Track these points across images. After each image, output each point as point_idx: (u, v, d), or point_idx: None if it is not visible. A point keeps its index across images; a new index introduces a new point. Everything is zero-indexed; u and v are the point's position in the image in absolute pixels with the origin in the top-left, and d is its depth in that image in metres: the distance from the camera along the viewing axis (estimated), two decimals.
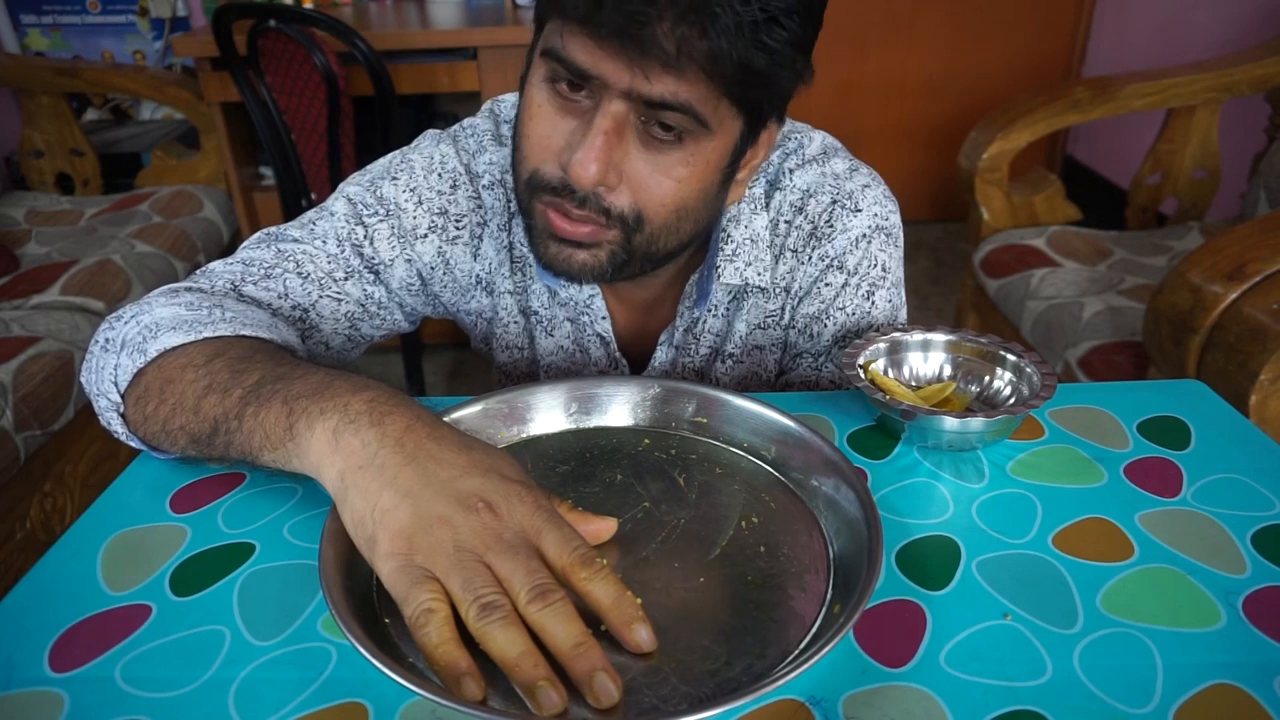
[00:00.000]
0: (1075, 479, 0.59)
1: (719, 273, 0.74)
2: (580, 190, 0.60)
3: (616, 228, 0.62)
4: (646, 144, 0.59)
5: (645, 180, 0.60)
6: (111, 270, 1.71)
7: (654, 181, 0.61)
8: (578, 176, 0.58)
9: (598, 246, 0.63)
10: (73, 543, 0.54)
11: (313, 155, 1.88)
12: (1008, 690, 0.43)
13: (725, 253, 0.74)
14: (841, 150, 0.79)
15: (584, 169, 0.57)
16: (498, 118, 0.78)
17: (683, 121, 0.58)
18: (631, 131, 0.59)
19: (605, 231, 0.62)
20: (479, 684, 0.40)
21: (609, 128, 0.57)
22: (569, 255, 0.64)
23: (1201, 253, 1.20)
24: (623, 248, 0.64)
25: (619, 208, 0.61)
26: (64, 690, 0.43)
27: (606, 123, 0.57)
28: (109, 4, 2.51)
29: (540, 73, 0.60)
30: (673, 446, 0.62)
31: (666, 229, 0.64)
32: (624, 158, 0.59)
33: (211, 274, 0.69)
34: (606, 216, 0.61)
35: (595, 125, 0.57)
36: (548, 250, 0.64)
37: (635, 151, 0.59)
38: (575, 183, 0.59)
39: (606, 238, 0.63)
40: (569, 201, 0.61)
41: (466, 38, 2.00)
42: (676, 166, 0.60)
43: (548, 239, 0.64)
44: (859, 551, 0.49)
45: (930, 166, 2.95)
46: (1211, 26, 2.24)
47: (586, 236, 0.62)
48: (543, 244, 0.64)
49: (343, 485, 0.46)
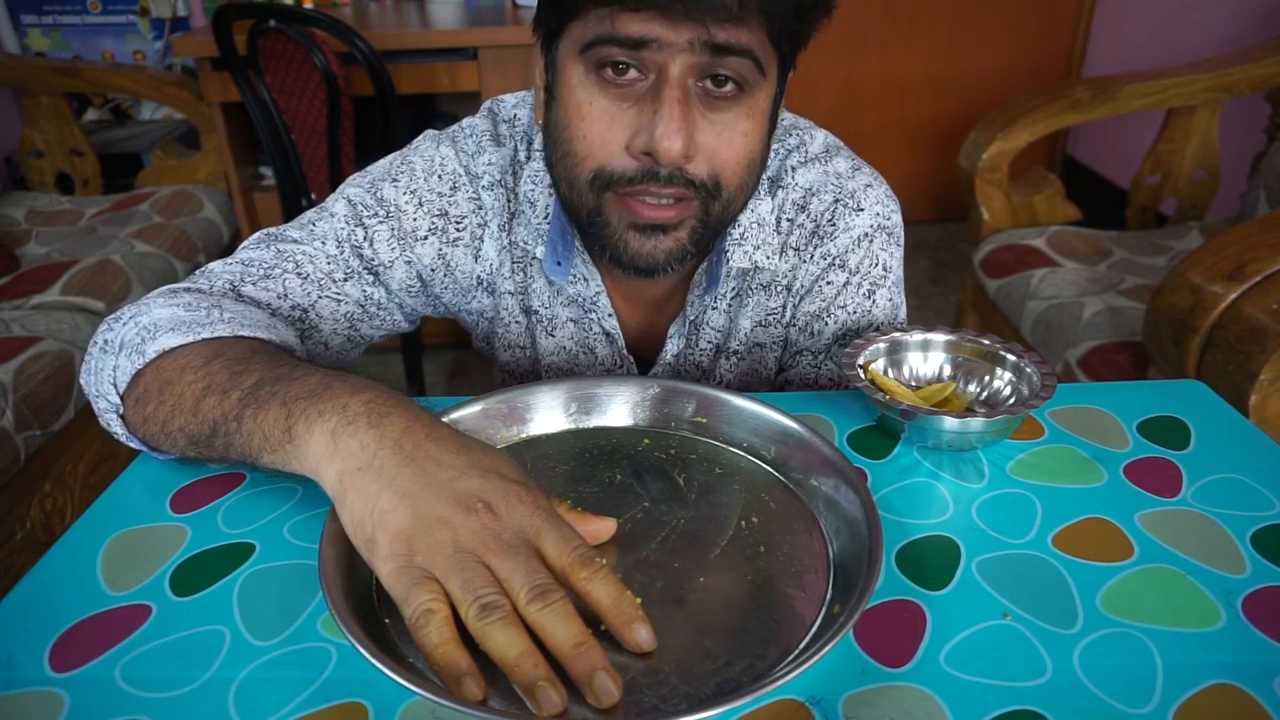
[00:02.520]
0: (1075, 479, 0.59)
1: (728, 256, 0.74)
2: (666, 168, 0.60)
3: (697, 199, 0.63)
4: (709, 106, 0.60)
5: (717, 144, 0.61)
6: (111, 270, 1.71)
7: (724, 141, 0.62)
8: (667, 151, 0.59)
9: (680, 227, 0.64)
10: (73, 543, 0.54)
11: (313, 155, 1.88)
12: (1008, 690, 0.43)
13: (733, 236, 0.74)
14: (844, 149, 0.79)
15: (671, 142, 0.58)
16: (496, 117, 0.78)
17: (744, 69, 0.59)
18: (693, 99, 0.60)
19: (688, 205, 0.63)
20: (479, 684, 0.40)
21: (679, 96, 0.58)
22: (653, 246, 0.64)
23: (1201, 253, 1.20)
24: (701, 221, 0.65)
25: (700, 176, 0.62)
26: (64, 690, 0.43)
27: (676, 92, 0.58)
28: (109, 4, 2.51)
29: (578, 72, 0.61)
30: (672, 446, 0.62)
31: (741, 188, 0.65)
32: (694, 126, 0.60)
33: (210, 274, 0.69)
34: (691, 188, 0.62)
35: (665, 98, 0.58)
36: (628, 245, 0.65)
37: (701, 118, 0.60)
38: (664, 158, 0.59)
39: (689, 212, 0.64)
40: (652, 185, 0.61)
41: (466, 38, 2.00)
42: (741, 121, 0.62)
43: (627, 231, 0.64)
44: (859, 551, 0.49)
45: (930, 166, 2.95)
46: (1211, 26, 2.24)
47: (674, 217, 0.63)
48: (621, 239, 0.65)
49: (341, 487, 0.46)
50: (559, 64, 0.62)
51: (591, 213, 0.65)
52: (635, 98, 0.60)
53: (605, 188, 0.63)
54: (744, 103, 0.61)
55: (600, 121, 0.61)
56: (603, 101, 0.60)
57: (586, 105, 0.61)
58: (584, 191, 0.64)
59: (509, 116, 0.78)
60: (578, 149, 0.62)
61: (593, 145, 0.62)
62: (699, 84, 0.59)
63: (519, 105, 0.78)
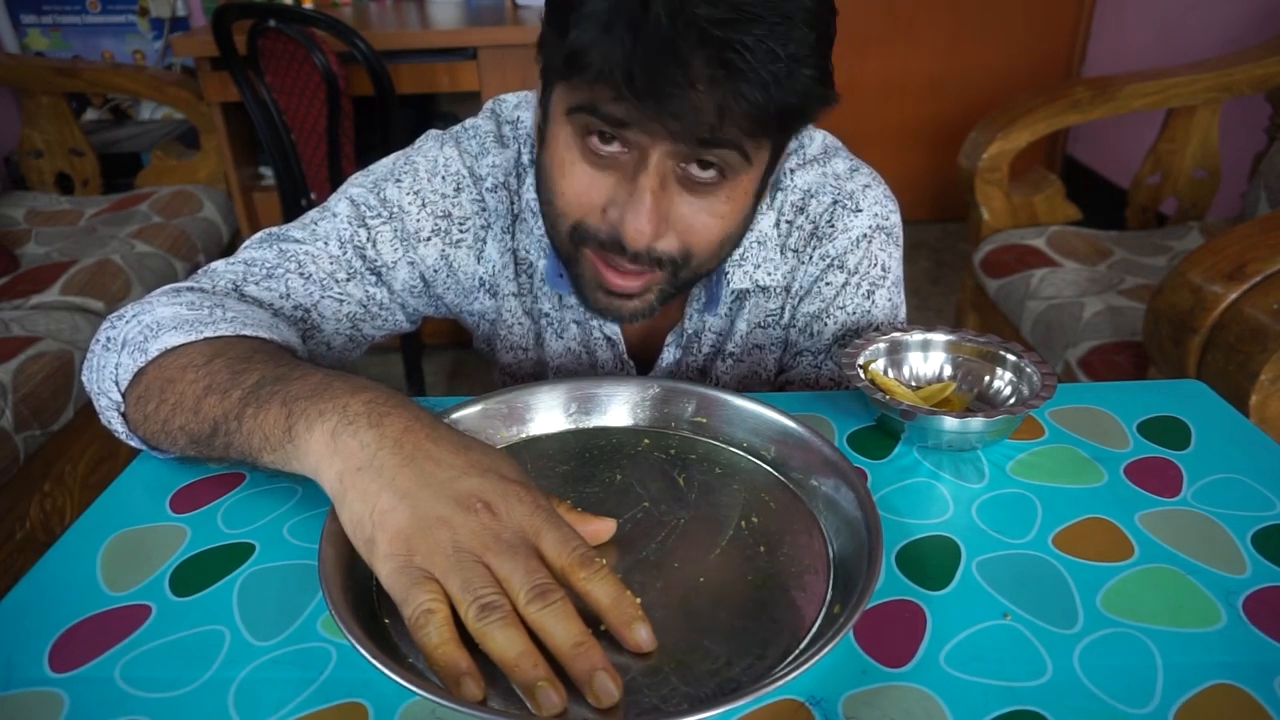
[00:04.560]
0: (1075, 479, 0.59)
1: (728, 277, 0.74)
2: (632, 250, 0.60)
3: (665, 270, 0.63)
4: (688, 188, 0.60)
5: (691, 222, 0.61)
6: (111, 270, 1.71)
7: (699, 222, 0.62)
8: (633, 239, 0.59)
9: (647, 292, 0.65)
10: (73, 543, 0.54)
11: (313, 155, 1.88)
12: (1008, 690, 0.43)
13: (734, 258, 0.74)
14: (842, 150, 0.79)
15: (638, 231, 0.58)
16: (499, 118, 0.78)
17: (728, 158, 0.58)
18: (672, 182, 0.59)
19: (654, 275, 0.64)
20: (479, 684, 0.40)
21: (655, 185, 0.58)
22: (619, 305, 0.66)
23: (1201, 253, 1.20)
24: (669, 283, 0.65)
25: (669, 253, 0.62)
26: (64, 690, 0.43)
27: (653, 181, 0.58)
28: (109, 4, 2.51)
29: (567, 130, 0.60)
30: (672, 446, 0.62)
31: (712, 259, 0.66)
32: (669, 206, 0.60)
33: (213, 273, 0.69)
34: (658, 265, 0.63)
35: (641, 185, 0.58)
36: (598, 301, 0.66)
37: (678, 197, 0.60)
38: (629, 244, 0.59)
39: (655, 281, 0.64)
40: (620, 256, 0.62)
41: (466, 38, 2.00)
42: (719, 204, 0.61)
43: (597, 290, 0.65)
44: (859, 551, 0.49)
45: (930, 166, 2.95)
46: (1211, 26, 2.24)
47: (639, 286, 0.64)
48: (592, 294, 0.66)
49: (341, 487, 0.46)
50: (551, 110, 0.62)
51: (569, 260, 0.66)
52: (617, 167, 0.60)
53: (582, 242, 0.63)
54: (724, 187, 0.61)
55: (580, 182, 0.61)
56: (583, 165, 0.61)
57: (568, 164, 0.61)
58: (564, 239, 0.65)
59: (512, 118, 0.78)
60: (558, 203, 0.63)
61: (570, 204, 0.62)
62: (680, 166, 0.59)
63: (521, 106, 0.78)
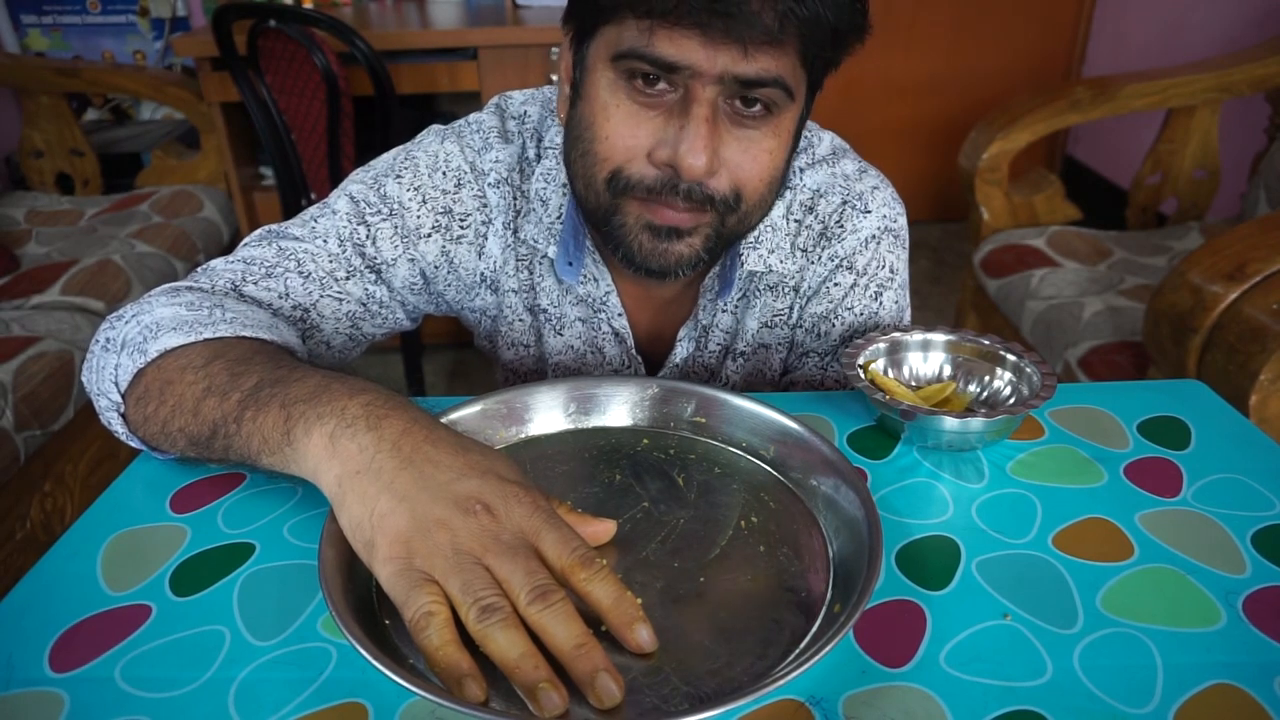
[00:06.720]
0: (1075, 479, 0.59)
1: (743, 260, 0.74)
2: (688, 182, 0.60)
3: (713, 211, 0.63)
4: (736, 123, 0.61)
5: (741, 160, 0.62)
6: (111, 270, 1.71)
7: (749, 159, 0.62)
8: (691, 168, 0.59)
9: (695, 233, 0.64)
10: (73, 543, 0.54)
11: (313, 155, 1.88)
12: (1008, 690, 0.43)
13: (748, 241, 0.74)
14: (850, 151, 0.79)
15: (695, 160, 0.59)
16: (504, 113, 0.78)
17: (773, 95, 0.59)
18: (721, 115, 0.60)
19: (705, 214, 0.63)
20: (480, 685, 0.40)
21: (707, 114, 0.59)
22: (666, 249, 0.65)
23: (1201, 253, 1.20)
24: (716, 230, 0.65)
25: (720, 191, 0.62)
26: (64, 690, 0.43)
27: (705, 110, 0.58)
28: (109, 4, 2.51)
29: (608, 75, 0.60)
30: (672, 446, 0.62)
31: (760, 203, 0.65)
32: (720, 141, 0.60)
33: (212, 272, 0.69)
34: (710, 204, 0.62)
35: (694, 115, 0.58)
36: (642, 246, 0.65)
37: (726, 133, 0.61)
38: (687, 174, 0.60)
39: (704, 222, 0.64)
40: (671, 197, 0.62)
41: (466, 38, 2.00)
42: (767, 139, 0.62)
43: (643, 232, 0.64)
44: (859, 551, 0.49)
45: (930, 166, 2.95)
46: (1211, 26, 2.24)
47: (689, 221, 0.63)
48: (635, 239, 0.65)
49: (340, 490, 0.46)
50: (588, 63, 0.62)
51: (607, 212, 0.65)
52: (663, 107, 0.60)
53: (622, 192, 0.63)
54: (771, 122, 0.61)
55: (625, 124, 0.61)
56: (629, 106, 0.60)
57: (613, 107, 0.61)
58: (600, 191, 0.64)
59: (517, 113, 0.78)
60: (598, 149, 0.62)
61: (614, 147, 0.62)
62: (727, 102, 0.60)
63: (527, 102, 0.78)
